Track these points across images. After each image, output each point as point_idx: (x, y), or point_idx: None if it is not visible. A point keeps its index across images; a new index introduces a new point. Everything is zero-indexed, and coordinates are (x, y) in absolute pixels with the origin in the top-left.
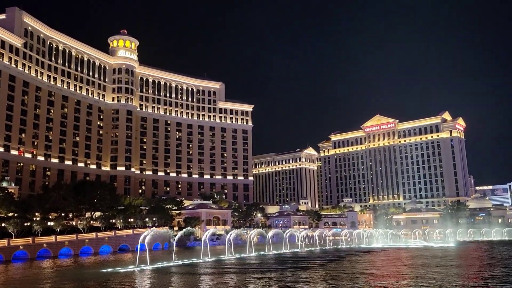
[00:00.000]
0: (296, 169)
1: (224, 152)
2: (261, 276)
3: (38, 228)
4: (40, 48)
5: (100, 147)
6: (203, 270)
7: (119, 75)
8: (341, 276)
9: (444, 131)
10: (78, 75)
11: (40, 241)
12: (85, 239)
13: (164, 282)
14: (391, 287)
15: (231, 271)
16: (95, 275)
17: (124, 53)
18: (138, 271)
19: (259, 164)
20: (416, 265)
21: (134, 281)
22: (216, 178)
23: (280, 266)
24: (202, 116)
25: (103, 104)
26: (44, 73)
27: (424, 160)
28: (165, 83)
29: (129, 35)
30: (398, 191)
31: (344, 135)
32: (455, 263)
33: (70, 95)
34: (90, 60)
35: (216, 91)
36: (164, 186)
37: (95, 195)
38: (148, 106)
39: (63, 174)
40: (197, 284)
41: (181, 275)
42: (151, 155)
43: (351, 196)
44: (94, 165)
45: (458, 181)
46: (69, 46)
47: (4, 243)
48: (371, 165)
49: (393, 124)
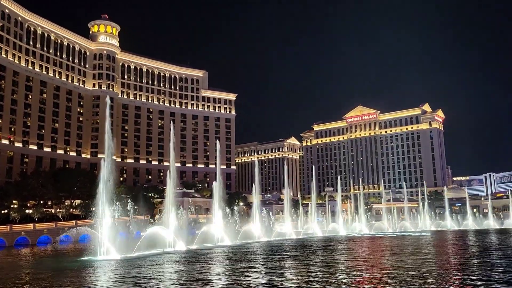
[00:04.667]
0: (278, 159)
1: (207, 141)
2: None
3: (16, 215)
4: (18, 32)
5: (80, 134)
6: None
7: (99, 61)
8: (319, 265)
9: (424, 123)
10: (57, 60)
11: (18, 229)
12: (65, 227)
13: (145, 271)
14: (372, 276)
15: (216, 258)
16: (73, 264)
17: (105, 38)
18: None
19: (241, 153)
20: (395, 253)
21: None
22: (199, 167)
23: (253, 257)
24: (185, 104)
25: (83, 90)
26: (21, 57)
27: (404, 151)
28: (147, 70)
29: (110, 21)
30: (378, 181)
31: (326, 125)
32: (431, 251)
33: (49, 80)
34: (70, 45)
35: (199, 79)
36: (146, 174)
37: (75, 182)
38: (130, 93)
39: (42, 161)
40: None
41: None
42: (133, 143)
43: (332, 186)
44: (74, 152)
45: (436, 172)
46: (48, 30)
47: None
48: (353, 155)
49: (374, 115)
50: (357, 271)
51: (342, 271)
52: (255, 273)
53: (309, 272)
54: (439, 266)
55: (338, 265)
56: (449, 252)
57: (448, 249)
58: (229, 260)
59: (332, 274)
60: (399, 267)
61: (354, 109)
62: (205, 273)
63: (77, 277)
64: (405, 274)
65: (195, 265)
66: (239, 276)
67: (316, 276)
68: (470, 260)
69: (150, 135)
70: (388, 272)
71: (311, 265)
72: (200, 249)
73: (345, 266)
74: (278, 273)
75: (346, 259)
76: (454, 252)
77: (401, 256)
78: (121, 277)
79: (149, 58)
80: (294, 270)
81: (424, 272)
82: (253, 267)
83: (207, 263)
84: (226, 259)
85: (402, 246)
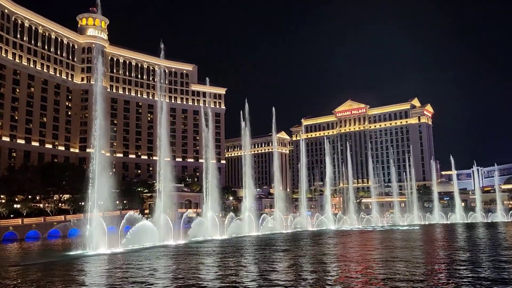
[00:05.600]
0: (268, 153)
1: (197, 135)
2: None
3: (3, 210)
4: (5, 24)
5: (68, 128)
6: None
7: (88, 55)
8: (309, 259)
9: (413, 117)
10: (45, 54)
11: (5, 223)
12: (53, 221)
13: (148, 264)
14: (360, 270)
15: (206, 252)
16: (62, 259)
17: (94, 31)
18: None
19: (231, 147)
20: (384, 247)
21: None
22: (188, 161)
23: (245, 250)
24: (175, 98)
25: (72, 84)
26: (8, 50)
27: (393, 145)
28: (136, 64)
29: (98, 14)
30: (367, 175)
31: (316, 120)
32: (419, 244)
33: (37, 74)
34: (58, 38)
35: (189, 73)
36: (135, 169)
37: (63, 177)
38: (119, 87)
39: (30, 155)
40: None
41: (171, 257)
42: (122, 137)
43: (321, 180)
44: (63, 146)
45: (425, 166)
46: (35, 23)
47: None
48: (342, 150)
49: (364, 110)
50: (345, 266)
51: (331, 267)
52: (245, 266)
53: (299, 266)
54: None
55: (328, 259)
56: (437, 244)
57: (435, 242)
58: (219, 254)
59: (323, 269)
60: (388, 260)
61: (343, 103)
62: (199, 264)
63: (65, 272)
64: (394, 267)
65: (185, 259)
66: (228, 269)
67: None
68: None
69: (139, 129)
70: (379, 265)
71: (300, 257)
72: (190, 243)
73: (334, 260)
74: (270, 267)
75: (335, 252)
76: (441, 246)
77: (391, 249)
78: (109, 271)
79: (138, 52)
80: (284, 264)
81: (413, 264)
82: (242, 261)
83: (198, 256)
84: (216, 253)
85: (391, 240)
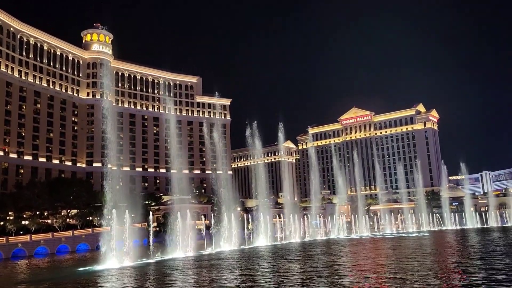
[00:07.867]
0: (274, 163)
1: (203, 146)
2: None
3: (12, 227)
4: (10, 42)
5: (75, 143)
6: (186, 265)
7: (93, 70)
8: (319, 269)
9: (418, 123)
10: (50, 70)
11: (14, 240)
12: (62, 237)
13: (158, 279)
14: (370, 279)
15: (216, 265)
16: (73, 275)
17: (98, 47)
18: (119, 269)
19: (237, 158)
20: (393, 255)
21: (114, 279)
22: (195, 173)
23: (256, 261)
24: (180, 110)
25: (78, 99)
26: (15, 68)
27: (399, 152)
28: (141, 77)
29: (103, 29)
30: (375, 183)
31: (322, 128)
32: (429, 251)
33: (43, 90)
34: (63, 55)
35: (194, 85)
36: (142, 182)
37: (71, 192)
38: (124, 101)
39: (37, 171)
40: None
41: (176, 270)
42: (128, 150)
43: (329, 188)
44: (70, 161)
45: (432, 172)
46: (40, 40)
47: None
48: (348, 157)
49: (369, 117)
50: (361, 275)
51: (346, 275)
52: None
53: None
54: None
55: (341, 268)
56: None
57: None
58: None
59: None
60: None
61: (348, 111)
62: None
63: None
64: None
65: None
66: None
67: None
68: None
69: (146, 142)
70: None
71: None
72: (203, 254)
73: (348, 269)
74: (284, 276)
75: (349, 263)
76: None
77: (403, 259)
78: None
79: (142, 66)
80: (297, 275)
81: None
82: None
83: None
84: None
85: (402, 248)
